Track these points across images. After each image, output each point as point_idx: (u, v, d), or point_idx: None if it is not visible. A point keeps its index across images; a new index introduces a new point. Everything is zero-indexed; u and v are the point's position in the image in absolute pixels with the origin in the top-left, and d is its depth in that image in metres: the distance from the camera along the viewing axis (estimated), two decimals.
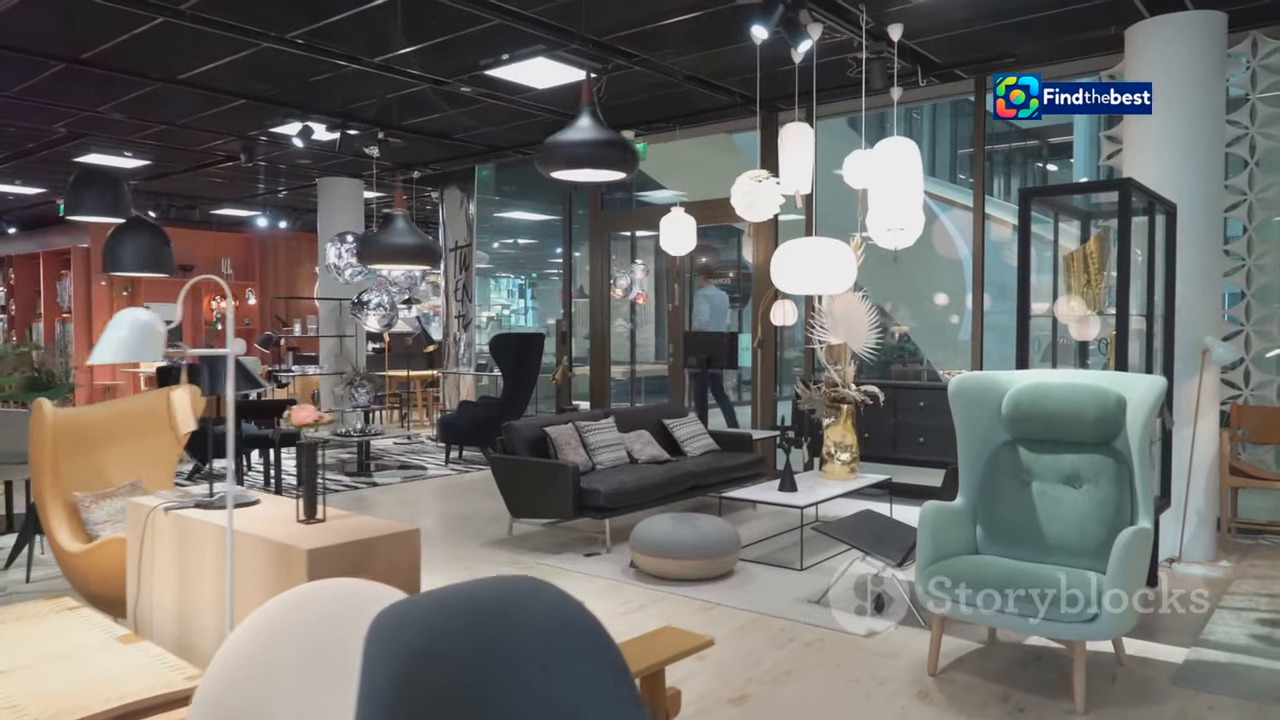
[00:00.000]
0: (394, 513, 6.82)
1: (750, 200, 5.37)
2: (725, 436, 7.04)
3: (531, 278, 18.24)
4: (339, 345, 10.42)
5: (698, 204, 8.23)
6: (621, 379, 13.94)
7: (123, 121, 7.95)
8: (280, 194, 12.33)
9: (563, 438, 5.83)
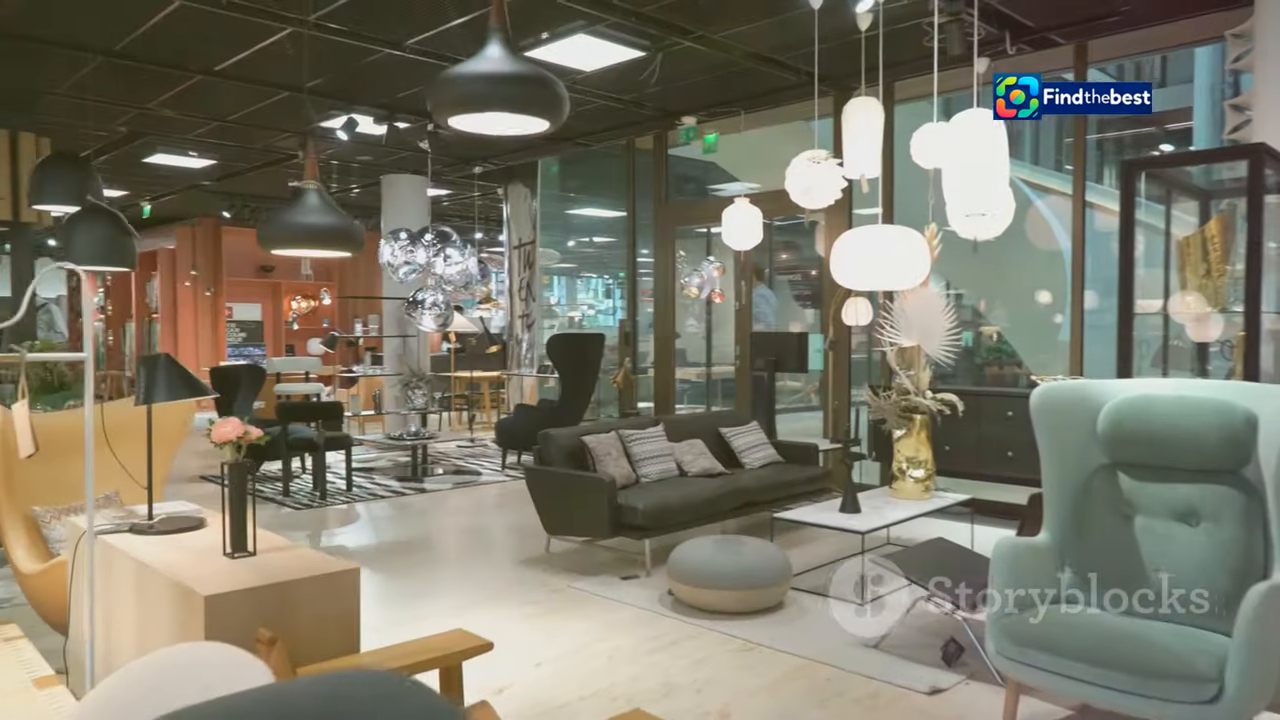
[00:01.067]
0: (429, 523, 6.46)
1: (807, 184, 4.76)
2: (791, 448, 6.42)
3: (619, 277, 17.86)
4: (402, 345, 10.19)
5: (766, 195, 7.63)
6: (698, 381, 13.42)
7: (176, 118, 7.84)
8: (353, 192, 12.21)
9: (603, 448, 5.34)
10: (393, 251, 8.33)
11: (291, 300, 15.17)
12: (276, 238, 2.39)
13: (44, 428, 3.59)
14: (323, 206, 2.46)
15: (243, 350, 14.87)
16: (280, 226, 2.45)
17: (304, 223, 2.41)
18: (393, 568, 5.27)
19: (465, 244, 8.50)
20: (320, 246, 2.43)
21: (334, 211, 2.51)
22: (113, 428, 3.76)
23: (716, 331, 12.89)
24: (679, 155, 10.07)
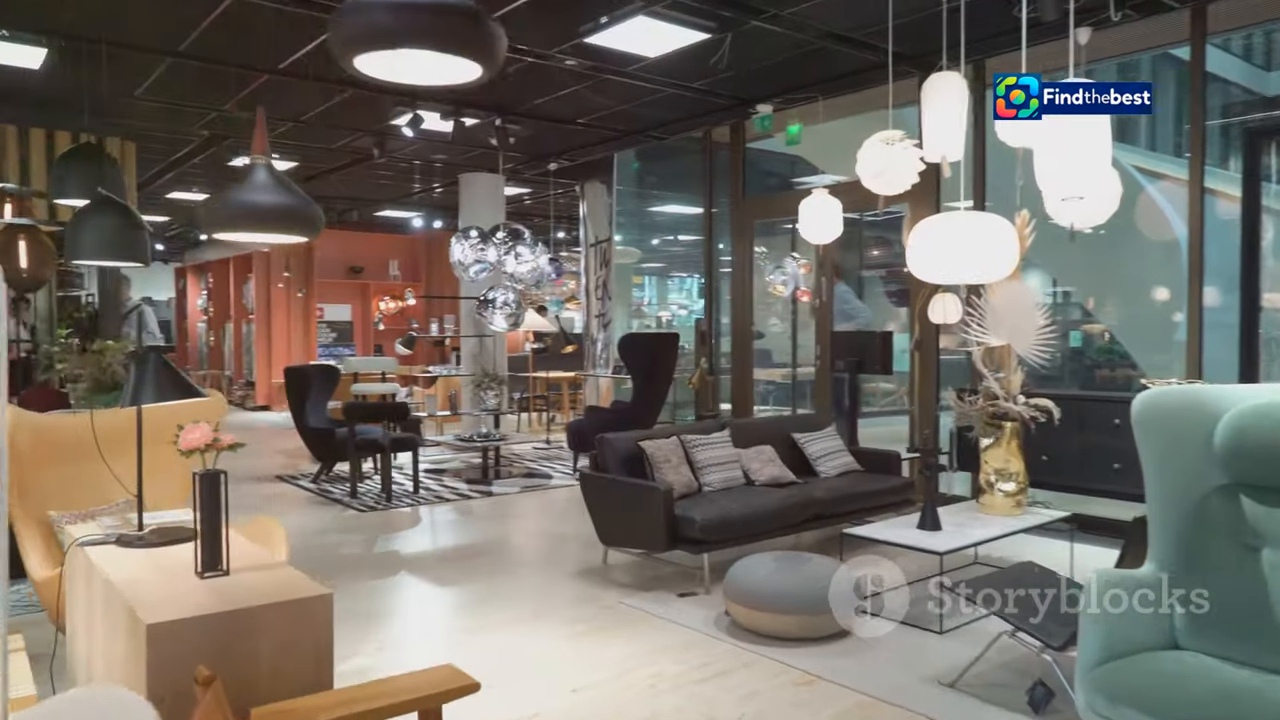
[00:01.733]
0: (488, 529, 6.25)
1: (879, 167, 4.34)
2: (871, 456, 5.96)
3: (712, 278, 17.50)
4: (478, 345, 10.09)
5: (848, 186, 7.19)
6: (784, 382, 12.96)
7: (251, 119, 7.87)
8: (436, 191, 12.21)
9: (661, 454, 5.01)
10: (463, 250, 8.20)
11: (379, 301, 15.35)
12: (219, 219, 2.14)
13: (66, 426, 3.50)
14: (273, 184, 2.20)
15: (333, 350, 15.12)
16: (223, 207, 2.19)
17: (251, 202, 2.13)
18: (440, 576, 5.07)
19: (536, 242, 8.30)
20: (270, 229, 2.17)
21: (286, 190, 2.23)
22: (151, 428, 3.64)
23: (802, 331, 12.40)
24: (762, 149, 9.66)
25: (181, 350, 19.72)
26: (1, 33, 5.70)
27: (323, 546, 5.73)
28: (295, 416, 8.02)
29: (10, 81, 6.58)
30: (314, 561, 5.33)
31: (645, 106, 7.49)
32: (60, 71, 6.45)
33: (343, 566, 5.25)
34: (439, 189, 11.76)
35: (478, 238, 8.21)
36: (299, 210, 2.17)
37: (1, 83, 6.60)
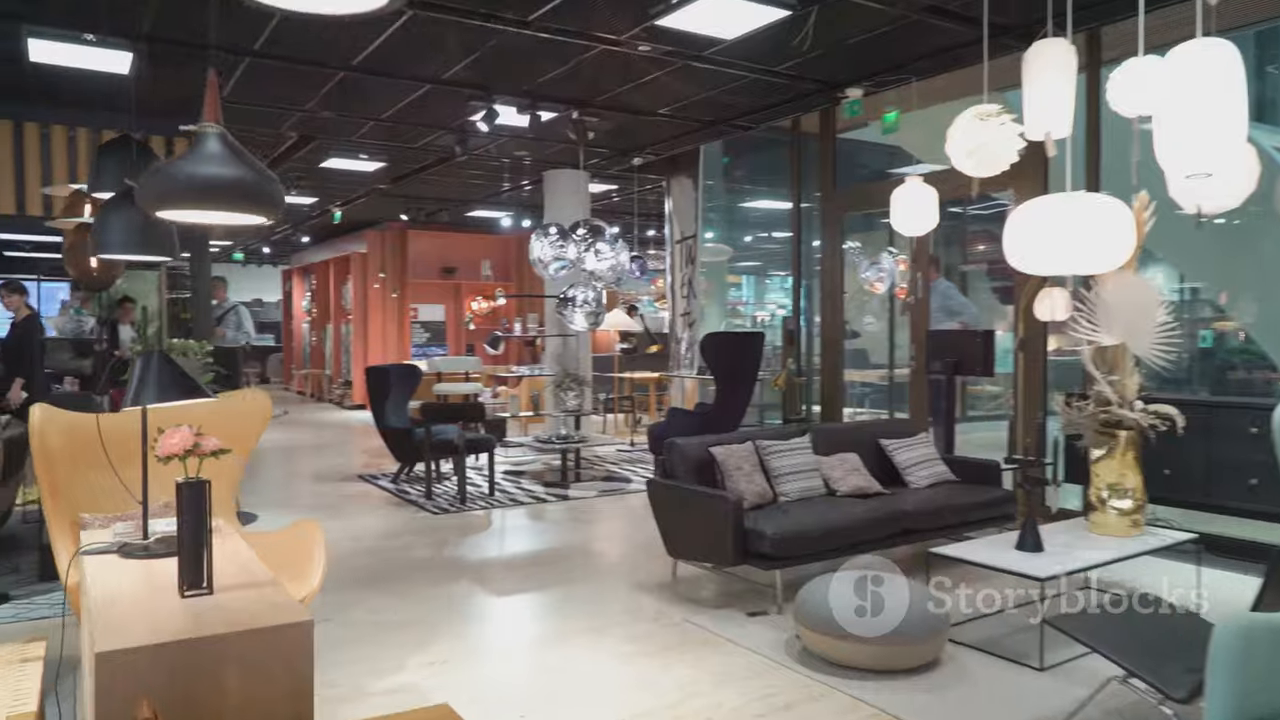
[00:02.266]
0: (559, 534, 6.03)
1: (973, 145, 3.89)
2: (967, 465, 5.47)
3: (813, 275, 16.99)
4: (561, 345, 9.92)
5: (945, 174, 6.70)
6: (881, 384, 12.40)
7: (334, 119, 7.90)
8: (525, 189, 12.12)
9: (733, 461, 4.68)
10: (543, 247, 8.02)
11: (472, 301, 15.41)
12: (158, 195, 1.87)
13: (109, 429, 3.41)
14: (224, 155, 1.94)
15: (426, 350, 15.27)
16: (164, 181, 1.93)
17: (195, 176, 1.88)
18: (502, 584, 4.86)
19: (617, 238, 8.05)
20: (218, 207, 1.91)
21: (239, 162, 1.98)
22: None
23: (900, 330, 11.81)
24: (857, 139, 9.18)
25: (287, 350, 20.36)
26: (88, 38, 5.79)
27: (389, 550, 5.62)
28: (375, 416, 8.00)
29: (101, 87, 6.72)
30: (378, 565, 5.21)
31: (728, 93, 7.14)
32: (150, 76, 6.56)
33: (406, 571, 5.10)
34: (527, 186, 11.66)
35: (557, 235, 8.02)
36: (252, 186, 1.93)
37: (94, 88, 6.75)
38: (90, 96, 7.04)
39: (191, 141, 2.00)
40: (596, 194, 12.27)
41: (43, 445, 2.96)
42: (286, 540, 3.48)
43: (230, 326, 10.38)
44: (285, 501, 7.22)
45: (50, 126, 7.21)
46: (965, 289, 12.11)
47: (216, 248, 20.21)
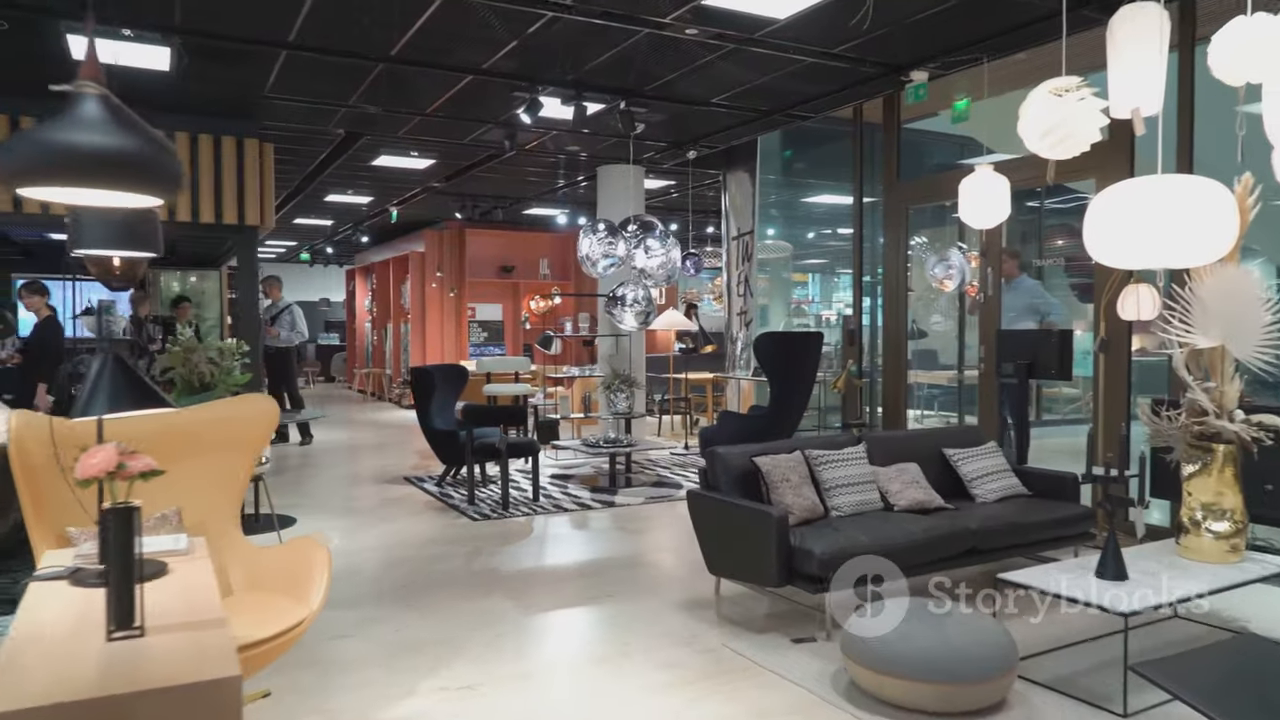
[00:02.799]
0: (601, 544, 5.73)
1: (1048, 124, 3.47)
2: (1042, 478, 5.01)
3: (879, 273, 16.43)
4: (614, 345, 9.65)
5: (1019, 163, 6.26)
6: (950, 386, 11.86)
7: (380, 115, 7.75)
8: (581, 186, 11.88)
9: (779, 472, 4.32)
10: (591, 244, 7.74)
11: (530, 300, 15.24)
12: (20, 168, 1.51)
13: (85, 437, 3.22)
14: (108, 122, 1.60)
15: (484, 350, 15.17)
16: (28, 151, 1.57)
17: (68, 145, 1.52)
18: (532, 599, 4.59)
19: (667, 234, 7.73)
20: (100, 183, 1.57)
21: (128, 130, 1.64)
22: (186, 433, 3.33)
23: (970, 330, 11.25)
24: (924, 129, 8.71)
25: (350, 349, 20.54)
26: (125, 33, 5.71)
27: (421, 559, 5.40)
28: (420, 418, 7.83)
29: (143, 84, 6.67)
30: (408, 576, 4.99)
31: (784, 79, 6.75)
32: (192, 73, 6.49)
33: (435, 584, 4.87)
34: (583, 183, 11.41)
35: (606, 231, 7.73)
36: (141, 158, 1.63)
37: (135, 86, 6.71)
38: (136, 95, 7.02)
39: (66, 104, 1.65)
40: (654, 190, 11.97)
41: (21, 454, 2.77)
42: (289, 557, 3.26)
43: (284, 326, 10.36)
44: (325, 504, 7.09)
45: None
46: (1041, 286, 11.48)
47: (282, 248, 20.51)
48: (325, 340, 23.05)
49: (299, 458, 9.59)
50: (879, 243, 8.42)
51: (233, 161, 7.82)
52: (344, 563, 5.27)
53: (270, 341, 10.33)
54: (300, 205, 13.23)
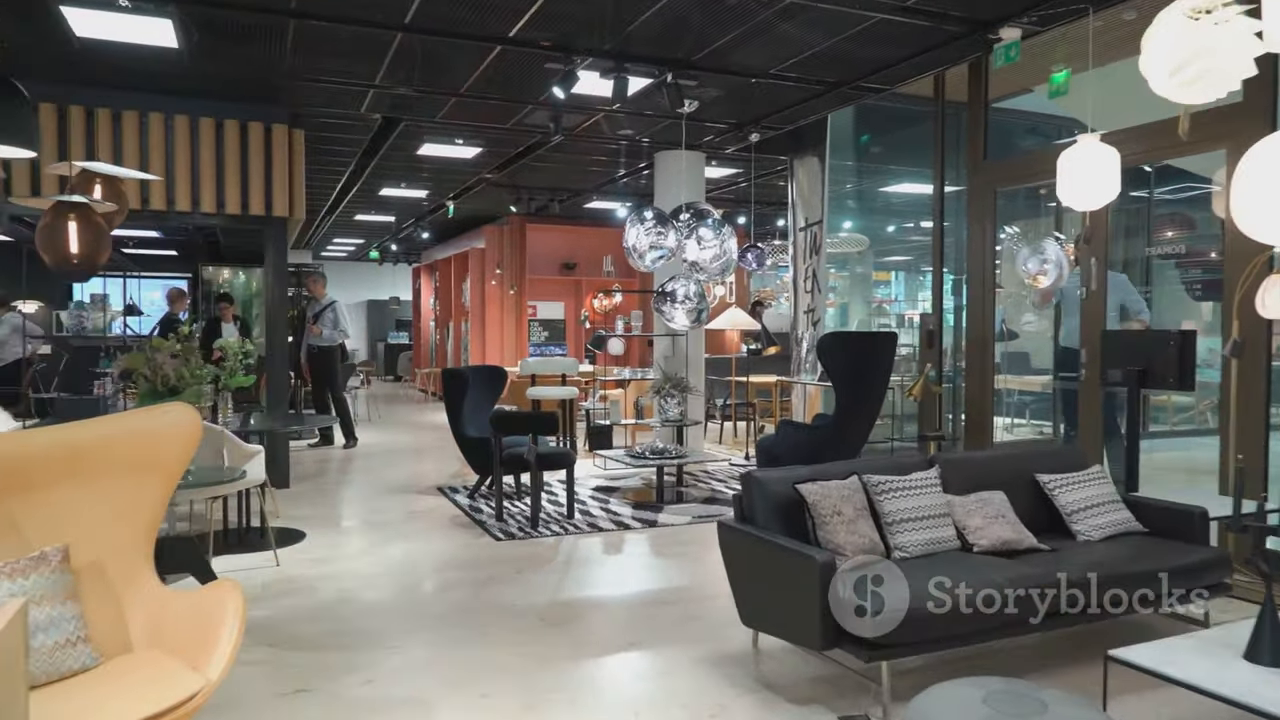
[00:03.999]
0: (629, 575, 5.01)
1: (1183, 56, 2.61)
2: (1160, 512, 4.09)
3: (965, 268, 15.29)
4: (670, 346, 8.93)
5: (1129, 131, 5.34)
6: (1044, 393, 10.80)
7: (414, 96, 7.19)
8: (642, 177, 11.18)
9: (829, 503, 3.53)
10: (638, 234, 7.02)
11: (592, 298, 14.62)
12: None
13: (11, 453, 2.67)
14: None
15: (544, 349, 14.63)
16: None
17: None
18: (535, 646, 3.90)
19: (721, 223, 6.96)
20: None
21: None
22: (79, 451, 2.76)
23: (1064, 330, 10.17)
24: (1015, 109, 7.74)
25: (416, 348, 20.31)
26: (122, 3, 5.25)
27: (425, 588, 4.78)
28: (452, 423, 7.25)
29: (157, 66, 6.25)
30: (402, 609, 4.37)
31: (854, 42, 5.93)
32: (204, 51, 6.04)
33: (430, 621, 4.23)
34: (645, 171, 10.69)
35: (654, 220, 7.00)
36: None
37: (149, 67, 6.29)
38: (151, 78, 6.62)
39: None
40: (718, 180, 11.20)
41: None
42: (197, 607, 2.64)
43: (327, 324, 9.95)
44: (343, 516, 6.56)
45: (96, 109, 6.84)
46: (1149, 282, 10.30)
47: (351, 246, 20.40)
48: (395, 339, 22.93)
49: (338, 462, 9.15)
50: (963, 236, 7.49)
51: (260, 149, 7.38)
52: (335, 591, 4.68)
53: (313, 340, 9.95)
54: (357, 200, 12.89)
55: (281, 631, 4.03)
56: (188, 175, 7.13)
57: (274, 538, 5.38)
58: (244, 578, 4.84)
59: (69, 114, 6.75)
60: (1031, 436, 10.58)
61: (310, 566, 5.13)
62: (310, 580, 4.85)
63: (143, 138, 6.97)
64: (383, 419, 13.31)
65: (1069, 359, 6.35)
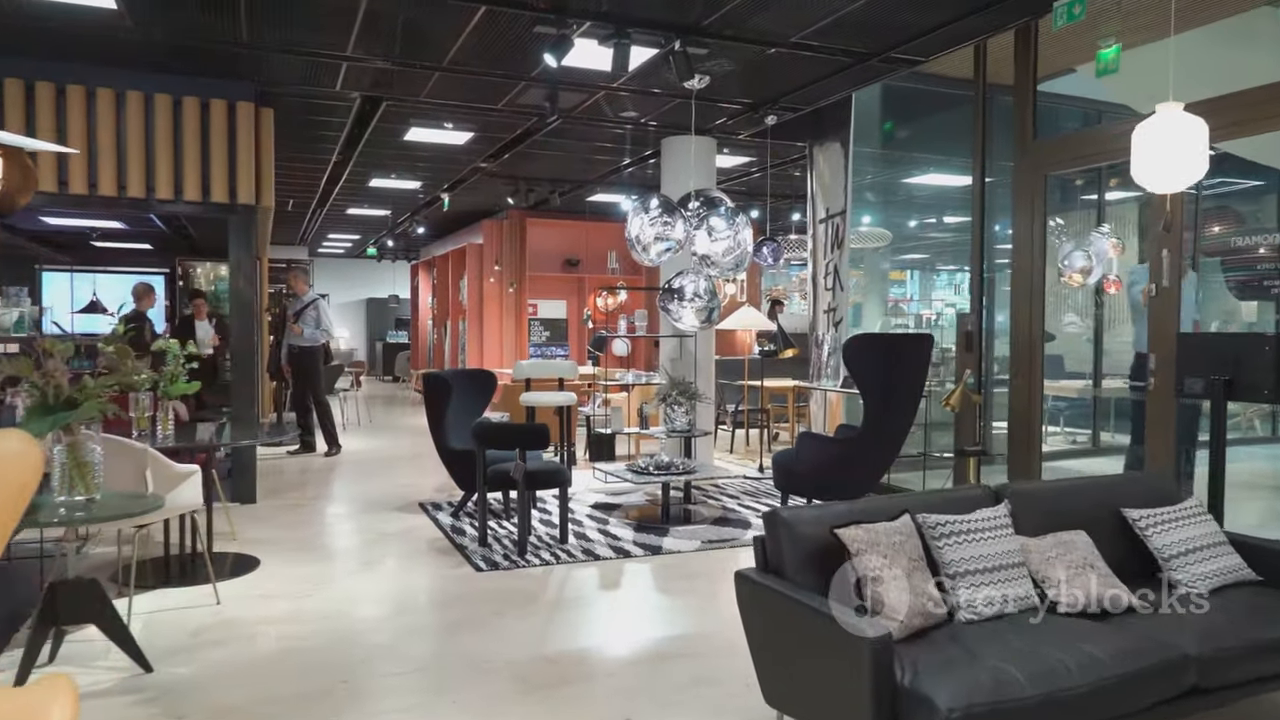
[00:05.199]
0: (623, 618, 4.24)
1: None
2: (1272, 555, 3.33)
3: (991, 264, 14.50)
4: (678, 347, 8.18)
5: (1214, 102, 4.60)
6: (1077, 399, 10.09)
7: (394, 71, 6.46)
8: (649, 167, 10.43)
9: (877, 552, 2.77)
10: (641, 225, 6.27)
11: (595, 296, 13.88)
12: None
13: None
14: None
15: (545, 350, 13.91)
16: None
17: None
18: (500, 719, 3.17)
19: (736, 214, 6.21)
20: None
21: None
22: None
23: (1114, 331, 9.38)
24: (1057, 95, 6.96)
25: (414, 349, 19.61)
26: None
27: (381, 634, 4.04)
28: (434, 433, 6.52)
29: (97, 32, 5.54)
30: (357, 662, 3.63)
31: (885, 6, 5.18)
32: (149, 13, 5.33)
33: (376, 681, 3.49)
34: (651, 159, 9.94)
35: (660, 209, 6.25)
36: None
37: (89, 32, 5.58)
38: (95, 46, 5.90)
39: None
40: (729, 169, 10.45)
41: None
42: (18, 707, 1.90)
43: (309, 323, 9.23)
44: (308, 539, 5.83)
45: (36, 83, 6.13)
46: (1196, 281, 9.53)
47: (347, 243, 19.68)
48: (394, 338, 22.25)
49: (317, 472, 8.43)
50: (995, 231, 6.73)
51: (223, 129, 6.66)
52: (276, 641, 3.96)
53: (294, 340, 9.24)
54: (347, 192, 12.18)
55: (200, 699, 3.30)
56: (141, 157, 6.42)
57: (221, 568, 4.67)
58: (174, 621, 4.12)
59: (3, 88, 6.05)
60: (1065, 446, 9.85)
61: (256, 605, 4.40)
62: (251, 625, 4.11)
63: (90, 116, 6.26)
64: (375, 423, 12.61)
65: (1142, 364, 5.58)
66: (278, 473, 8.28)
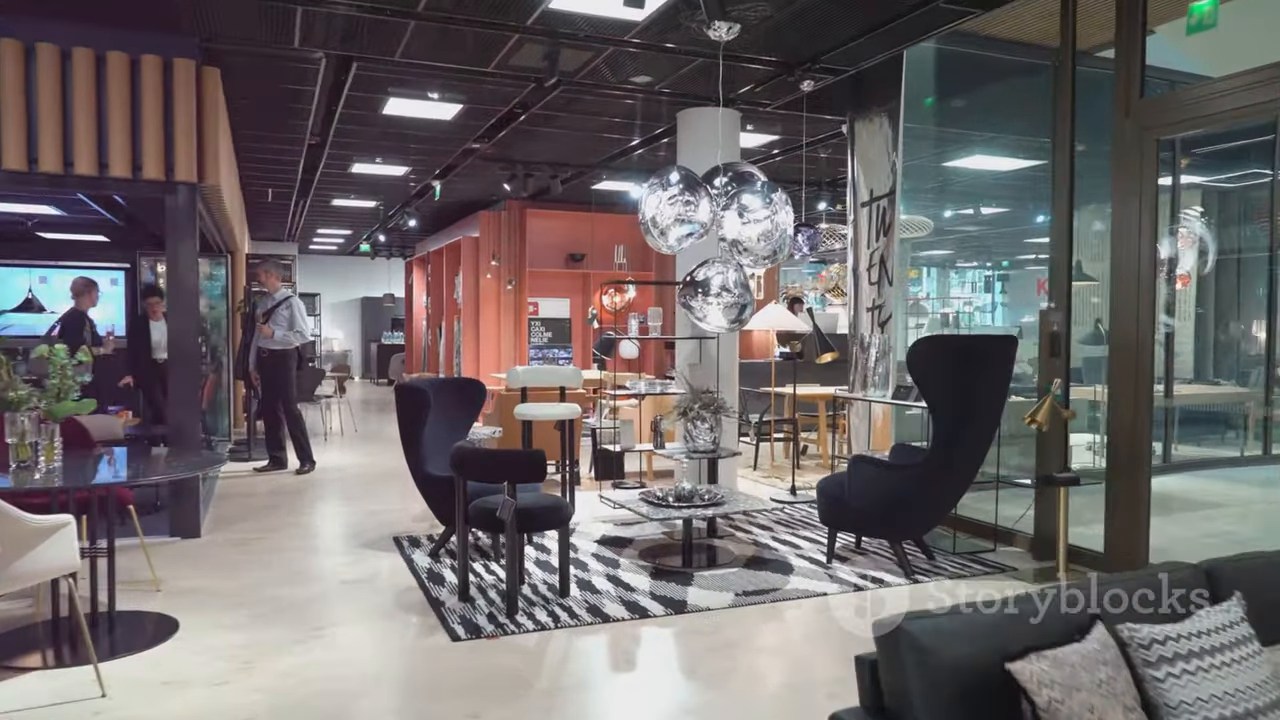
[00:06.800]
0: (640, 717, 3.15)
1: None
2: None
3: (1004, 265, 13.38)
4: (697, 350, 7.08)
5: None
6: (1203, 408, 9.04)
7: (361, 20, 5.38)
8: (660, 149, 9.32)
9: (1076, 702, 1.67)
10: (658, 204, 5.15)
11: (602, 295, 12.78)
12: None
13: None
14: None
15: (546, 352, 12.82)
16: None
17: None
18: None
19: (771, 191, 5.10)
20: None
21: None
22: None
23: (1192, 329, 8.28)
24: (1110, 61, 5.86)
25: (409, 351, 18.54)
26: None
27: None
28: (408, 457, 5.43)
29: None
30: None
31: None
32: None
33: None
34: (664, 140, 8.82)
35: (680, 185, 5.12)
36: None
37: None
38: None
39: None
40: (752, 149, 9.36)
41: None
42: None
43: (280, 324, 8.15)
44: (252, 589, 4.72)
45: None
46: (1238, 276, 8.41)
47: (339, 238, 18.59)
48: (389, 339, 21.19)
49: (285, 495, 7.33)
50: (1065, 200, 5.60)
51: (156, 91, 5.58)
52: None
53: (264, 342, 8.16)
54: (329, 181, 11.11)
55: None
56: (56, 125, 5.34)
57: (122, 637, 3.58)
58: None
59: None
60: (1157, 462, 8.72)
61: (153, 698, 3.31)
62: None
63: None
64: (360, 432, 11.54)
65: None
66: (239, 496, 7.20)
